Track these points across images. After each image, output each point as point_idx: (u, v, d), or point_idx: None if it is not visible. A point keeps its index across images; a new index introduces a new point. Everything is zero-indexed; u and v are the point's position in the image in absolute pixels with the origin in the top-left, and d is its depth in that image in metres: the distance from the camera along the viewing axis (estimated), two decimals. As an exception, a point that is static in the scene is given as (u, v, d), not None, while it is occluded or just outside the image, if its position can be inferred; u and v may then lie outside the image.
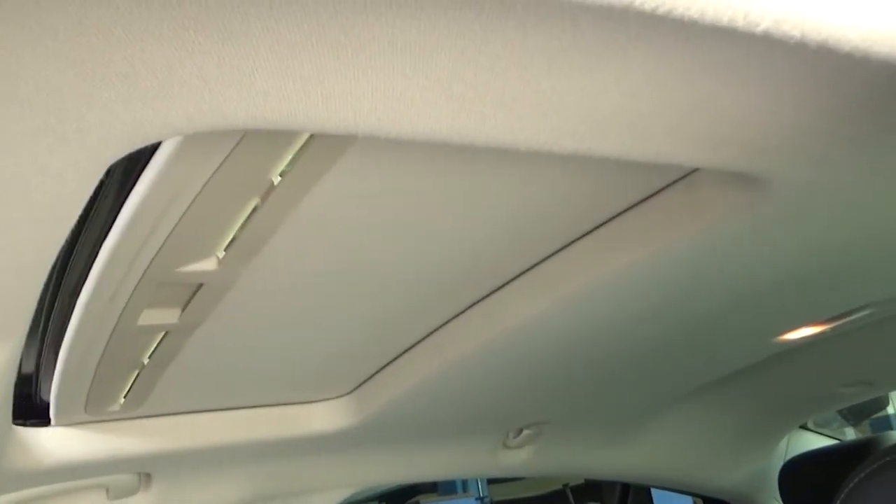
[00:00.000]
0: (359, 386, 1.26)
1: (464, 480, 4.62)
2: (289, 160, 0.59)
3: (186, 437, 1.18)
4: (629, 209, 0.82)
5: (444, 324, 1.04)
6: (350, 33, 0.40)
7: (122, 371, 0.95)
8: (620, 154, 0.56)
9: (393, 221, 0.74)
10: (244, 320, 0.89)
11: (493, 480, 4.54)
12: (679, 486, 2.15)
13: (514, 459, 1.69)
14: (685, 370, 1.45)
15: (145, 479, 1.28)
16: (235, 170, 0.58)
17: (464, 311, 1.02)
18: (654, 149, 0.57)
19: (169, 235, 0.65)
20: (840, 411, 2.60)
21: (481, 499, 4.64)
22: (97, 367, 0.90)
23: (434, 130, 0.49)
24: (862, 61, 0.47)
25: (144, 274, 0.71)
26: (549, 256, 0.90)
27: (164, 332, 0.86)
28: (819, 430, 2.31)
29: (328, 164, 0.61)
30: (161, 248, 0.67)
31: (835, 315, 1.23)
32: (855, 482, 0.99)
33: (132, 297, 0.74)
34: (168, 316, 0.81)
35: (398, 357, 1.14)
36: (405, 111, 0.47)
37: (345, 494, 1.59)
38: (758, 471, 2.13)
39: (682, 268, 0.86)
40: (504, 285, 0.96)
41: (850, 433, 2.93)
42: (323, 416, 1.28)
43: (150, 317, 0.80)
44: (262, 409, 1.25)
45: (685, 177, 0.77)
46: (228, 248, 0.70)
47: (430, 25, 0.41)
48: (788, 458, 2.12)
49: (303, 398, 1.27)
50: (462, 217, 0.77)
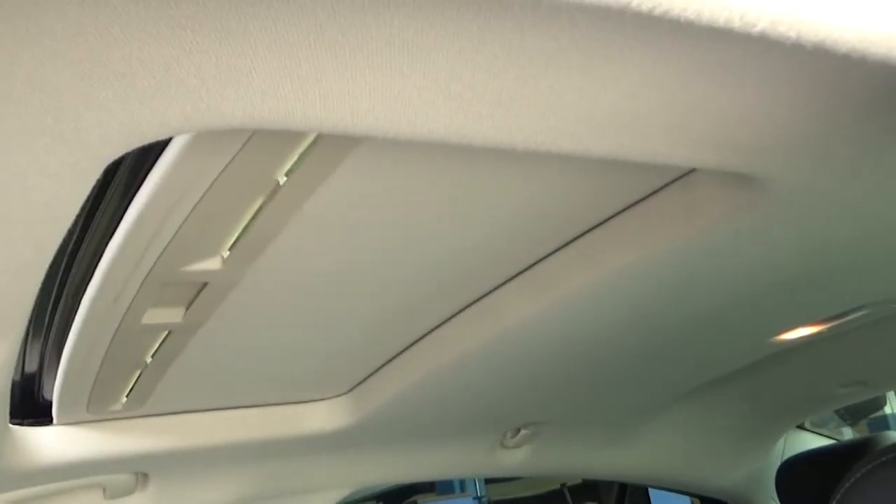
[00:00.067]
0: (357, 385, 1.26)
1: (461, 480, 4.62)
2: (295, 160, 0.59)
3: (186, 437, 1.18)
4: (626, 209, 0.82)
5: (442, 323, 1.04)
6: (348, 33, 0.40)
7: (125, 370, 0.95)
8: (618, 154, 0.56)
9: (393, 222, 0.74)
10: (245, 319, 0.89)
11: (490, 480, 4.53)
12: (676, 486, 2.16)
13: (511, 459, 1.69)
14: (682, 370, 1.46)
15: (142, 478, 1.28)
16: (242, 169, 0.58)
17: (462, 311, 1.02)
18: (651, 149, 0.57)
19: (175, 235, 0.65)
20: (837, 411, 2.60)
21: (479, 498, 4.64)
22: (100, 366, 0.90)
23: (432, 130, 0.49)
24: (859, 62, 0.47)
25: (149, 273, 0.71)
26: (546, 257, 0.91)
27: (167, 332, 0.86)
28: (816, 429, 2.31)
29: (334, 164, 0.61)
30: (166, 247, 0.67)
31: (832, 315, 1.24)
32: (851, 482, 0.99)
33: (137, 296, 0.74)
34: (172, 315, 0.81)
35: (396, 357, 1.14)
36: (403, 111, 0.47)
37: (343, 494, 1.59)
38: (755, 470, 2.14)
39: (679, 268, 0.86)
40: (502, 285, 0.96)
41: (847, 433, 2.93)
42: (321, 416, 1.28)
43: (154, 316, 0.80)
44: (260, 409, 1.25)
45: (682, 177, 0.77)
46: (233, 247, 0.70)
47: (427, 25, 0.41)
48: (786, 457, 2.12)
49: (301, 398, 1.27)
50: (461, 217, 0.77)
